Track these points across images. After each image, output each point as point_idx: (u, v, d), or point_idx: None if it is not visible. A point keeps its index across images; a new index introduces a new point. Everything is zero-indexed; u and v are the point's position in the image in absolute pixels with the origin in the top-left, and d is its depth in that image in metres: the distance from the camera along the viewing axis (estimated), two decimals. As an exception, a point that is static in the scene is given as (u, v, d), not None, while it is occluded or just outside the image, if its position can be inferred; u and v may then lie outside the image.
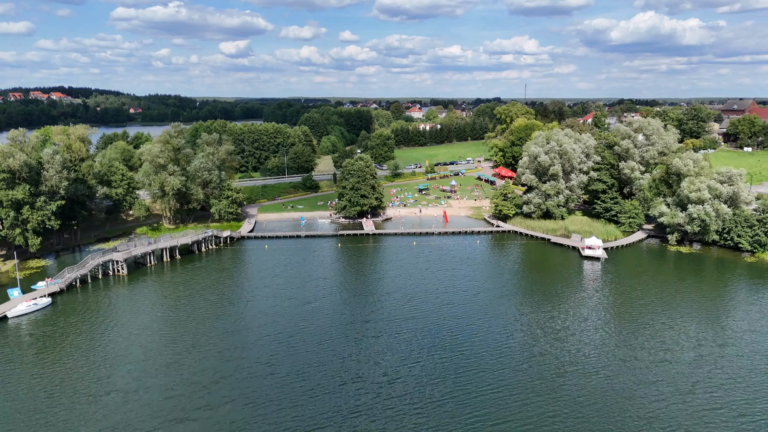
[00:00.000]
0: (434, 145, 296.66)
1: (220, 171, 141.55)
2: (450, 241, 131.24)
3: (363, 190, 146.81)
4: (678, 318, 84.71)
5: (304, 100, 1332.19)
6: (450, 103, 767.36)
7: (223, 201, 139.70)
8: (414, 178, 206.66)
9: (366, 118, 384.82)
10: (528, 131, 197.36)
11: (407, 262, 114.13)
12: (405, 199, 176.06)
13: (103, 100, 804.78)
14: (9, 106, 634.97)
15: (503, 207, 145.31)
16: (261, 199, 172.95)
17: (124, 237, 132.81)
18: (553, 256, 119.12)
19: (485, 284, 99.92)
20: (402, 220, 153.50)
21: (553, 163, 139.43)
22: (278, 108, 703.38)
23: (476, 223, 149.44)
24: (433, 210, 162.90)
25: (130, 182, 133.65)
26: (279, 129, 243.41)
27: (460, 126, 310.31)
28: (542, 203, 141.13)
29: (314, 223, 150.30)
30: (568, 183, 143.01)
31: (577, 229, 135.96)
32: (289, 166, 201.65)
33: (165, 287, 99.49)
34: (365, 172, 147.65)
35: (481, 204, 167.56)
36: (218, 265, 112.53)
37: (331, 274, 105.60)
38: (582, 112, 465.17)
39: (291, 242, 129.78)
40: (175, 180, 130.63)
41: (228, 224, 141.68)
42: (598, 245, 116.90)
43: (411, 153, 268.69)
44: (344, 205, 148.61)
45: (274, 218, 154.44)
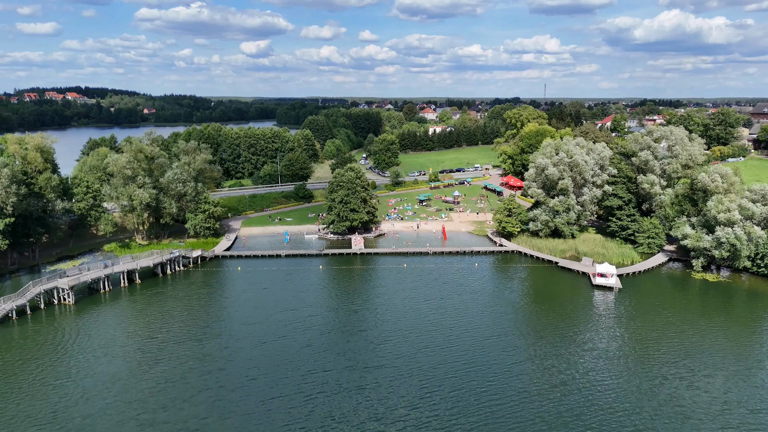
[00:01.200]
0: (442, 149, 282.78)
1: (197, 182, 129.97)
2: (445, 262, 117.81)
3: (353, 203, 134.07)
4: (701, 370, 70.44)
5: (322, 100, 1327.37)
6: (465, 104, 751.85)
7: (199, 215, 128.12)
8: (416, 187, 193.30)
9: (375, 120, 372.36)
10: (539, 137, 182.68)
11: (392, 289, 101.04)
12: (403, 211, 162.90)
13: (117, 101, 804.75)
14: (23, 107, 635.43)
15: (507, 224, 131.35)
16: (248, 210, 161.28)
17: (92, 254, 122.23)
18: (559, 285, 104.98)
19: (475, 320, 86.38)
20: (397, 236, 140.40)
21: (562, 176, 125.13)
22: (291, 108, 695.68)
23: (477, 241, 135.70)
24: (433, 224, 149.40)
25: (95, 195, 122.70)
26: (277, 133, 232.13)
27: (470, 130, 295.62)
28: (550, 220, 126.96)
29: (300, 239, 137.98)
30: (580, 198, 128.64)
31: (588, 250, 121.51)
32: (282, 173, 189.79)
33: (116, 320, 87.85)
34: (355, 183, 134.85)
35: (485, 218, 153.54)
36: (181, 291, 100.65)
37: (301, 305, 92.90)
38: (601, 114, 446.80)
39: (269, 263, 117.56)
40: (144, 193, 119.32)
41: (204, 240, 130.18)
42: (611, 273, 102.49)
43: (417, 158, 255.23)
44: (332, 219, 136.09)
45: (258, 233, 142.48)
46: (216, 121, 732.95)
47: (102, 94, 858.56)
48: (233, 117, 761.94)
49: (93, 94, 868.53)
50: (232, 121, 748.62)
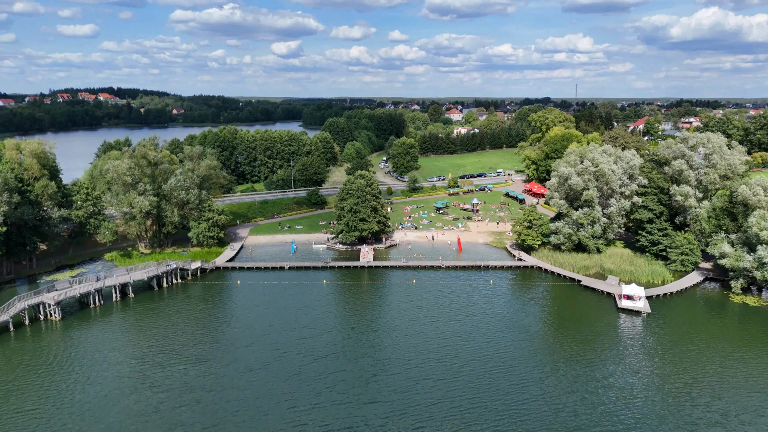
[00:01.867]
0: (465, 153, 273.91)
1: (201, 189, 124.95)
2: (458, 278, 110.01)
3: (362, 212, 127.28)
4: (738, 414, 61.23)
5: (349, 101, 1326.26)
6: (493, 105, 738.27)
7: (203, 224, 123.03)
8: (434, 194, 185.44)
9: (398, 122, 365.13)
10: (564, 142, 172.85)
11: (396, 309, 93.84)
12: (419, 219, 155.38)
13: (148, 101, 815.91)
14: (56, 107, 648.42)
15: (527, 237, 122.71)
16: (258, 217, 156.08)
17: (92, 263, 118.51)
18: (581, 307, 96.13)
19: (484, 347, 78.55)
20: (409, 247, 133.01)
21: (587, 186, 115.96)
22: (317, 109, 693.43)
23: (495, 254, 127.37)
24: (449, 234, 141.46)
25: (95, 203, 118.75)
26: (294, 136, 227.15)
27: (494, 132, 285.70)
28: (573, 234, 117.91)
29: (308, 249, 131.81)
30: (606, 209, 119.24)
31: (615, 267, 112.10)
32: (296, 178, 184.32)
33: (100, 339, 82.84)
34: (365, 192, 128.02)
35: (505, 228, 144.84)
36: (173, 307, 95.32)
37: (296, 326, 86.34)
38: (634, 116, 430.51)
39: (271, 276, 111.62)
40: (145, 201, 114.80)
41: (208, 250, 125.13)
42: (639, 295, 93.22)
43: (438, 162, 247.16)
44: (341, 229, 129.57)
45: (265, 242, 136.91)
46: (243, 121, 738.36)
47: (133, 95, 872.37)
48: (260, 118, 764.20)
49: (125, 95, 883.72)
50: (259, 121, 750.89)
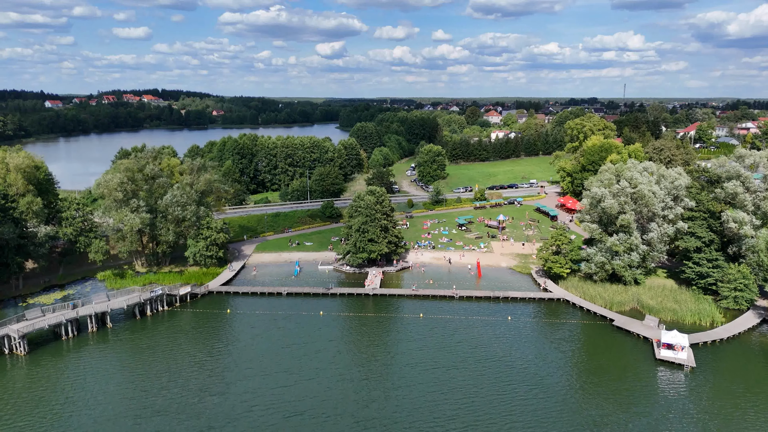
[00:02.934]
0: (498, 160, 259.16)
1: (199, 206, 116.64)
2: (472, 312, 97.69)
3: (371, 232, 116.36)
4: None
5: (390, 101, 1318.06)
6: (535, 106, 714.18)
7: (200, 243, 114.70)
8: (458, 206, 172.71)
9: (431, 126, 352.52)
10: (602, 153, 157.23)
11: (393, 350, 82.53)
12: (438, 236, 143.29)
13: (189, 103, 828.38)
14: (100, 109, 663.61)
15: (554, 265, 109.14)
16: (267, 231, 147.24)
17: (83, 282, 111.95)
18: (611, 355, 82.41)
19: (488, 405, 66.32)
20: (423, 270, 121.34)
21: (623, 209, 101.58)
22: (353, 111, 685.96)
23: (518, 281, 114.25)
24: (468, 256, 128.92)
25: (86, 219, 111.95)
26: (316, 143, 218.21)
27: (530, 138, 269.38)
28: (607, 262, 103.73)
29: (313, 270, 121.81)
30: (646, 235, 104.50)
31: (655, 304, 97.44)
32: (312, 189, 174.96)
33: (64, 378, 74.88)
34: (374, 210, 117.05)
35: (532, 250, 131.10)
36: (152, 341, 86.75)
37: (275, 370, 75.94)
38: (686, 119, 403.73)
39: (266, 304, 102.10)
40: (136, 218, 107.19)
41: (205, 271, 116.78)
42: (681, 345, 78.92)
43: (468, 170, 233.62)
44: (348, 250, 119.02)
45: (269, 260, 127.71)
46: (281, 123, 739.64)
47: (176, 96, 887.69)
48: (298, 119, 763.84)
49: (168, 96, 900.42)
50: (297, 123, 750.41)
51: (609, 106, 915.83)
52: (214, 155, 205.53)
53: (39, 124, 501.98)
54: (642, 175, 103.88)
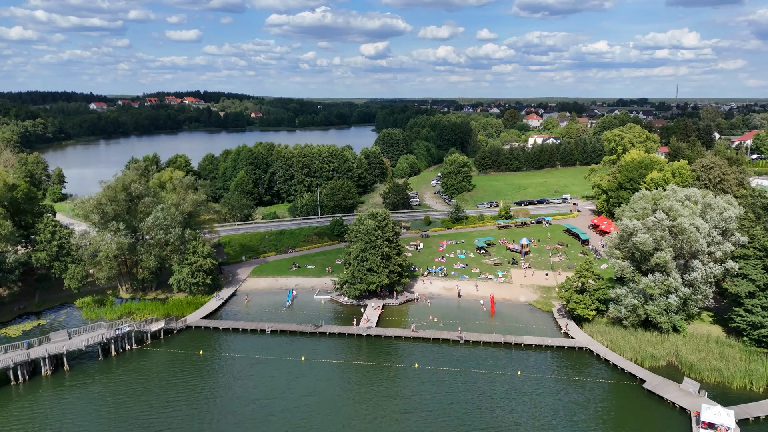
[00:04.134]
0: (531, 170, 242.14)
1: (185, 228, 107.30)
2: (477, 361, 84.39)
3: (370, 261, 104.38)
4: None
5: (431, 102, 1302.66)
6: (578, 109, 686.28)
7: (185, 269, 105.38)
8: (480, 225, 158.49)
9: (463, 131, 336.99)
10: (642, 170, 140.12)
11: (373, 413, 70.19)
12: (453, 260, 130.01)
13: (229, 104, 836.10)
14: (141, 111, 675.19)
15: (577, 305, 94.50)
16: (269, 251, 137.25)
17: (59, 310, 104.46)
18: (640, 429, 67.73)
19: None
20: (429, 303, 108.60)
21: (659, 245, 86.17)
22: (390, 114, 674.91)
23: (536, 321, 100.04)
24: (483, 287, 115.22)
25: (63, 243, 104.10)
26: (335, 152, 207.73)
27: (566, 147, 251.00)
28: (639, 306, 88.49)
29: (308, 299, 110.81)
30: (688, 274, 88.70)
31: (696, 360, 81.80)
32: (323, 204, 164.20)
33: (11, 430, 66.26)
34: (375, 236, 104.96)
35: (557, 280, 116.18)
36: (106, 388, 77.28)
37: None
38: (743, 125, 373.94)
39: (246, 342, 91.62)
40: (113, 243, 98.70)
41: (191, 299, 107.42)
42: (726, 426, 63.71)
43: (496, 182, 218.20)
44: (344, 280, 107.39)
45: (265, 287, 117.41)
46: (318, 125, 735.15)
47: (216, 98, 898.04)
48: (335, 122, 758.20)
49: (209, 98, 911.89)
50: (334, 125, 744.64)
51: (660, 107, 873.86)
52: (228, 165, 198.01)
53: (80, 127, 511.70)
54: (683, 205, 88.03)
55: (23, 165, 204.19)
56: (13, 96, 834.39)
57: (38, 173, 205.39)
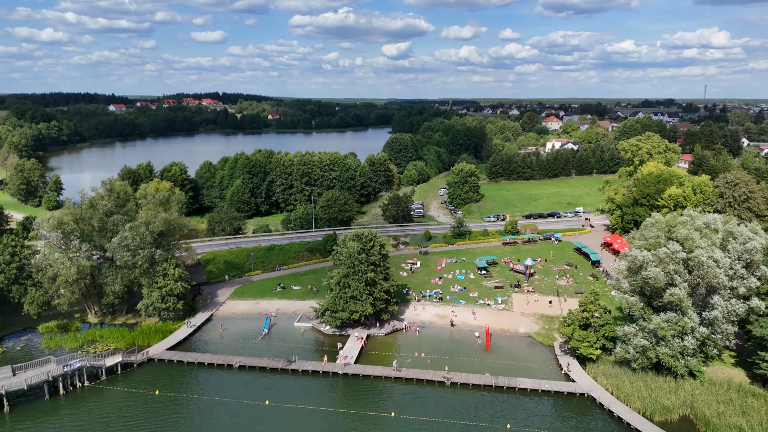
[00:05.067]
0: (544, 179, 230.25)
1: (156, 249, 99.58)
2: (461, 410, 74.71)
3: (353, 288, 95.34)
4: None
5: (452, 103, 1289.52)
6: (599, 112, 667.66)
7: (154, 293, 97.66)
8: (484, 241, 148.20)
9: (478, 136, 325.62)
10: (659, 185, 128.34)
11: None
12: (451, 282, 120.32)
13: (246, 106, 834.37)
14: (158, 113, 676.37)
15: (580, 344, 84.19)
16: (255, 269, 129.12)
17: (19, 336, 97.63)
18: None
19: None
20: (418, 333, 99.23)
21: (672, 280, 75.48)
22: (407, 115, 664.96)
23: (535, 357, 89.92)
24: (481, 315, 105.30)
25: (22, 265, 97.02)
26: (336, 159, 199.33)
27: (582, 155, 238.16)
28: (650, 348, 77.89)
29: (287, 327, 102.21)
30: (707, 312, 77.78)
31: (712, 413, 71.03)
32: (318, 216, 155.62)
33: None
34: (358, 260, 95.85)
35: (563, 309, 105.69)
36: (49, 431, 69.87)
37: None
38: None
39: (209, 379, 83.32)
40: (72, 268, 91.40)
41: (161, 325, 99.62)
42: None
43: (506, 191, 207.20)
44: (325, 308, 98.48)
45: (243, 311, 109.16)
46: (334, 127, 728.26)
47: (234, 100, 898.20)
48: (352, 123, 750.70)
49: (227, 100, 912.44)
50: (351, 127, 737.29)
51: (687, 109, 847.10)
52: (225, 173, 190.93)
53: (95, 129, 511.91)
54: (701, 234, 77.10)
55: (20, 171, 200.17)
56: (37, 97, 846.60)
57: (35, 180, 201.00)
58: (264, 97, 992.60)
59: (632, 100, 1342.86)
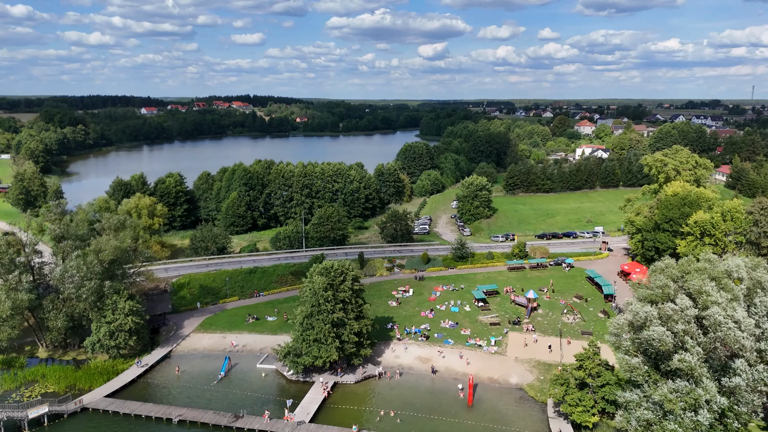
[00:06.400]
0: (566, 191, 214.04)
1: (104, 280, 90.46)
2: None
3: (317, 330, 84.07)
4: None
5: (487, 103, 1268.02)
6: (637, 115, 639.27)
7: (102, 328, 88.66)
8: (488, 265, 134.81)
9: (501, 142, 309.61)
10: (684, 209, 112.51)
11: None
12: (442, 316, 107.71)
13: (275, 109, 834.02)
14: (188, 116, 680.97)
15: (575, 409, 70.78)
16: (231, 296, 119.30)
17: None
18: None
19: None
20: (393, 381, 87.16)
21: (682, 343, 61.41)
22: (434, 118, 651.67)
23: (523, 418, 76.82)
24: (472, 358, 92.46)
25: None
26: (340, 170, 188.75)
27: (608, 167, 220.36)
28: (656, 423, 63.87)
29: (248, 369, 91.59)
30: (728, 378, 63.26)
31: None
32: (309, 235, 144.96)
33: None
34: (323, 297, 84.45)
35: (562, 355, 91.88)
36: None
37: None
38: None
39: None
40: (6, 303, 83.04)
41: (110, 364, 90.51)
42: None
43: (522, 205, 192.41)
44: (286, 351, 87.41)
45: (207, 347, 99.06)
46: (362, 130, 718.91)
47: (264, 103, 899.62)
48: (380, 126, 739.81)
49: (257, 103, 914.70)
50: (378, 130, 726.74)
51: (733, 111, 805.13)
52: (222, 185, 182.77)
53: (122, 132, 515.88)
54: (719, 285, 62.68)
55: (19, 181, 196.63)
56: (76, 100, 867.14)
57: (34, 189, 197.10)
58: (294, 99, 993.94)
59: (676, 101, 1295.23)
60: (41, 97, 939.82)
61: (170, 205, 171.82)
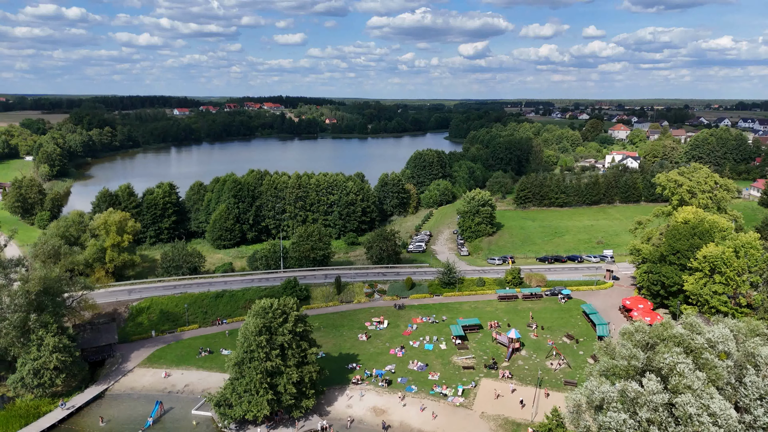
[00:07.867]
0: (582, 206, 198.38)
1: (30, 314, 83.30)
2: None
3: (248, 380, 74.49)
4: None
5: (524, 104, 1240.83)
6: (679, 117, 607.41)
7: (27, 365, 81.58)
8: (478, 292, 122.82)
9: (522, 149, 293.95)
10: (694, 240, 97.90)
11: None
12: (413, 355, 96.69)
13: (305, 110, 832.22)
14: (217, 117, 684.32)
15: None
16: (192, 323, 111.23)
17: None
18: None
19: None
20: None
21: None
22: (464, 120, 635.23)
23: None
24: (431, 410, 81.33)
25: None
26: (335, 181, 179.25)
27: (628, 181, 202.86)
28: None
29: (183, 415, 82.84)
30: (710, 479, 50.19)
31: None
32: (288, 255, 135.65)
33: None
34: (255, 342, 74.77)
35: (536, 411, 79.69)
36: None
37: None
38: None
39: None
40: None
41: (36, 403, 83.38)
42: None
43: (530, 221, 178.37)
44: (217, 400, 78.06)
45: (146, 386, 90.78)
46: (390, 132, 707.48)
47: (294, 104, 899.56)
48: (409, 128, 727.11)
49: (288, 104, 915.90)
50: (408, 132, 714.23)
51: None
52: (213, 196, 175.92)
53: (150, 134, 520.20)
54: (698, 364, 49.71)
55: (17, 189, 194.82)
56: (116, 100, 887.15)
57: (32, 196, 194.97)
58: (325, 100, 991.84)
59: (726, 102, 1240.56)
60: (83, 97, 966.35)
61: (157, 217, 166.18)
